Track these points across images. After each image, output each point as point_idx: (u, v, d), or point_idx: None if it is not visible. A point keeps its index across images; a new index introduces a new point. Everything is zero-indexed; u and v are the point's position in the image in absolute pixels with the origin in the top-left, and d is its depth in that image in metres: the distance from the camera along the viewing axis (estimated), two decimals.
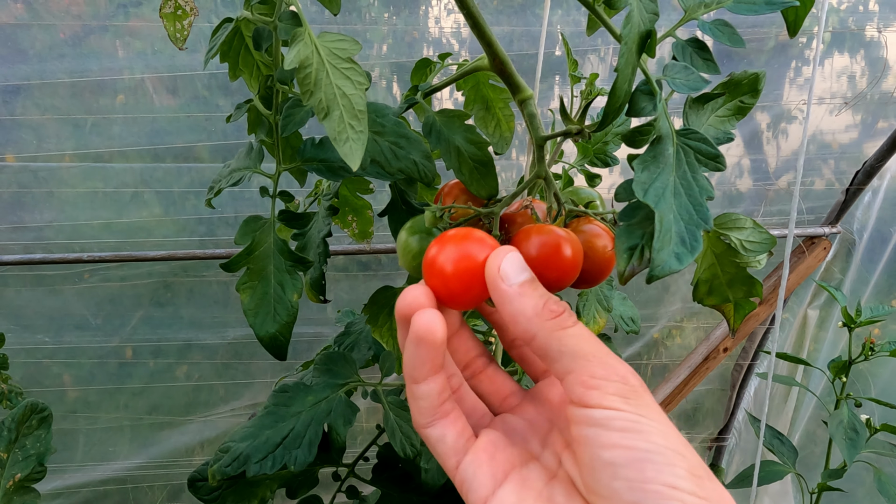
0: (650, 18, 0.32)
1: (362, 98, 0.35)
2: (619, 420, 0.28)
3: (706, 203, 0.32)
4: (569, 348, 0.30)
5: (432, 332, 0.30)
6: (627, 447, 0.27)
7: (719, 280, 0.41)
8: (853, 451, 0.97)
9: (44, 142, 1.19)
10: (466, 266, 0.32)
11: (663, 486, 0.26)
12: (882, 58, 1.38)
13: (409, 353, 0.31)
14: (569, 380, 0.30)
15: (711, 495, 0.27)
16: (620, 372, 0.30)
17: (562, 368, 0.30)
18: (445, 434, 0.33)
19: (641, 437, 0.28)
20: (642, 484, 0.27)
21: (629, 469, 0.27)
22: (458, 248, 0.33)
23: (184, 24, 0.48)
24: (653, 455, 0.27)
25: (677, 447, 0.28)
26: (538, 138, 0.41)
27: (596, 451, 0.28)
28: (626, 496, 0.27)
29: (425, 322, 0.30)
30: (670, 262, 0.29)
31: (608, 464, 0.28)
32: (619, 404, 0.29)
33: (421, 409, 0.32)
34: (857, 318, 1.08)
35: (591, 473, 0.28)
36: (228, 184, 0.46)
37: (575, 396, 0.29)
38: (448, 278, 0.32)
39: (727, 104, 0.37)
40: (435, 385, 0.32)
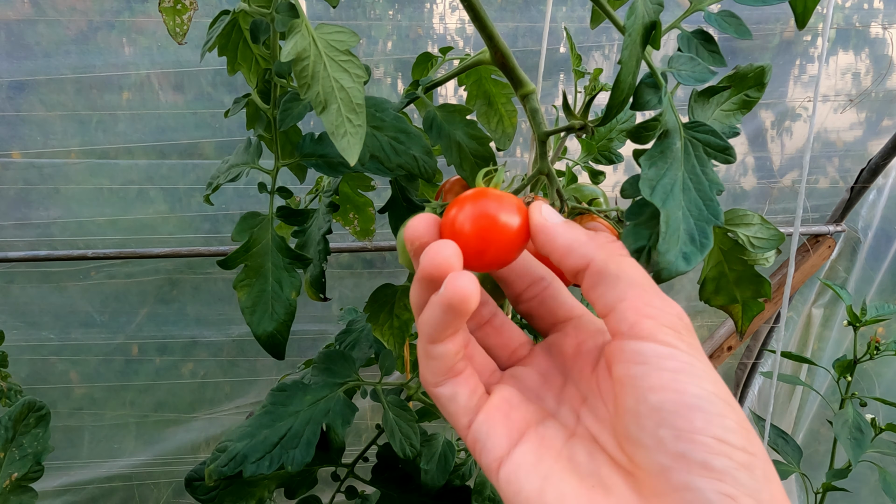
0: (655, 9, 0.31)
1: (360, 91, 0.34)
2: (672, 359, 0.26)
3: (716, 198, 0.31)
4: (626, 274, 0.28)
5: (467, 300, 0.27)
6: (678, 391, 0.25)
7: (726, 278, 0.41)
8: (858, 451, 0.96)
9: (49, 138, 1.20)
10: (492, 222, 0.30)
11: (712, 438, 0.24)
12: (887, 55, 1.37)
13: (433, 315, 0.29)
14: (621, 307, 0.28)
15: (759, 451, 0.25)
16: (676, 307, 0.28)
17: (615, 295, 0.28)
18: (457, 392, 0.31)
19: (693, 381, 0.26)
20: (691, 434, 0.25)
21: (678, 416, 0.25)
22: (479, 205, 0.30)
23: (183, 19, 0.48)
24: (703, 402, 0.25)
25: (726, 396, 0.26)
26: (540, 133, 0.41)
27: (643, 394, 0.26)
28: (672, 446, 0.25)
29: (461, 288, 0.27)
30: (677, 263, 0.28)
31: (655, 409, 0.25)
32: (673, 340, 0.27)
33: (434, 368, 0.30)
34: (863, 317, 1.07)
35: (635, 419, 0.26)
36: (226, 180, 0.45)
37: (626, 325, 0.27)
38: (472, 237, 0.30)
39: (732, 98, 0.37)
40: (453, 345, 0.30)
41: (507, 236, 0.30)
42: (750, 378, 1.64)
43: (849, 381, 1.10)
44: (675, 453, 0.25)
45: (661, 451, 0.25)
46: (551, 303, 0.34)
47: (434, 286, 0.29)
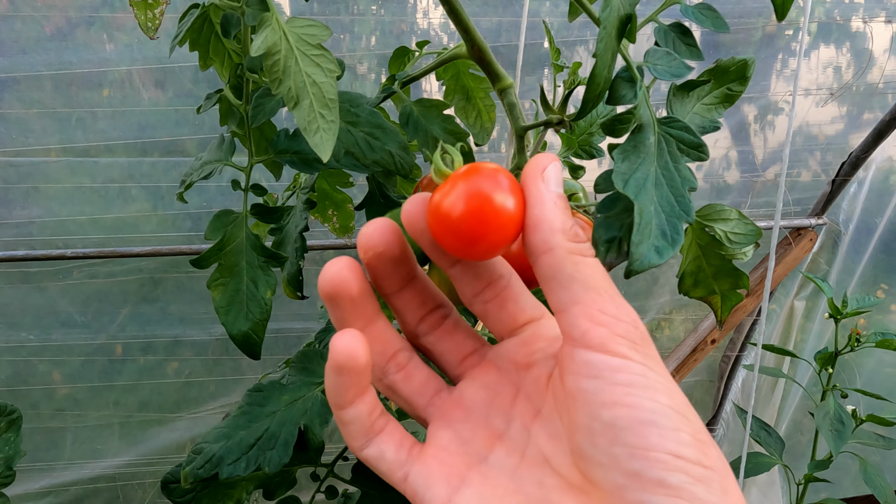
0: (631, 2, 0.31)
1: (333, 86, 0.34)
2: (625, 372, 0.25)
3: (688, 194, 0.31)
4: (582, 275, 0.26)
5: (354, 358, 0.27)
6: (631, 406, 0.25)
7: (705, 272, 0.40)
8: (839, 443, 0.97)
9: (27, 136, 1.18)
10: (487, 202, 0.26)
11: (667, 454, 0.24)
12: (867, 49, 1.39)
13: (330, 381, 0.28)
14: (573, 312, 0.26)
15: (715, 464, 0.25)
16: (631, 315, 0.26)
17: (568, 297, 0.26)
18: (383, 451, 0.29)
19: (647, 394, 0.25)
20: (645, 451, 0.24)
21: (631, 433, 0.24)
22: (471, 182, 0.27)
23: (155, 13, 0.47)
24: (657, 417, 0.24)
25: (681, 408, 0.25)
26: (518, 128, 0.41)
27: (596, 410, 0.25)
28: (626, 464, 0.24)
29: (345, 347, 0.27)
30: (650, 255, 0.28)
31: (609, 426, 0.25)
32: (626, 350, 0.25)
33: (352, 433, 0.29)
34: (844, 310, 1.08)
35: (588, 437, 0.25)
36: (200, 177, 0.45)
37: (577, 332, 0.26)
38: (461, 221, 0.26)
39: (714, 91, 0.36)
40: (364, 406, 0.29)
41: (504, 217, 0.27)
42: (734, 371, 1.66)
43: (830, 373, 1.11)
44: (630, 471, 0.24)
45: (615, 469, 0.25)
46: (511, 306, 0.31)
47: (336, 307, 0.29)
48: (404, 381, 0.32)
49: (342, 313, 0.30)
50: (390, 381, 0.32)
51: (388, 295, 0.31)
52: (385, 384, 0.32)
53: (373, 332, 0.31)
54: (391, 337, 0.32)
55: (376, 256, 0.29)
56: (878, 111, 1.42)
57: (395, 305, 0.32)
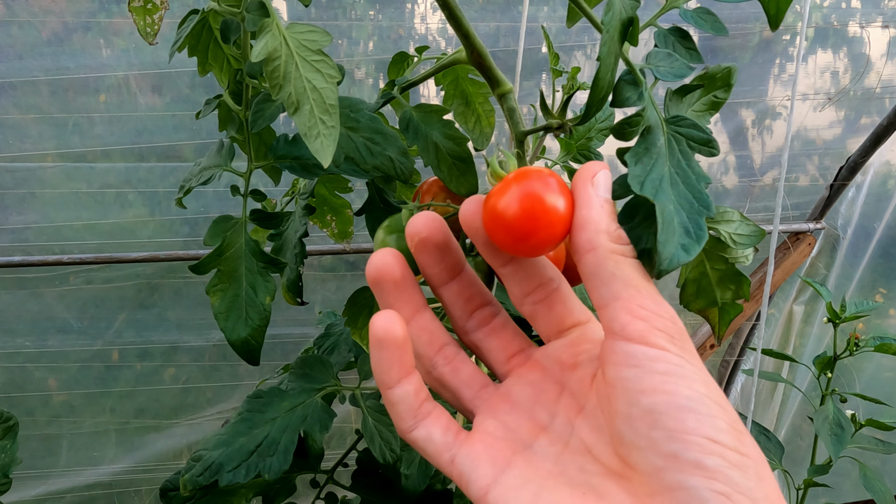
0: (632, 5, 0.31)
1: (334, 92, 0.33)
2: (663, 362, 0.26)
3: (705, 190, 0.31)
4: (623, 273, 0.28)
5: (391, 332, 0.29)
6: (669, 392, 0.26)
7: (708, 279, 0.40)
8: (839, 447, 0.97)
9: (24, 142, 1.18)
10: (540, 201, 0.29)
11: (704, 438, 0.25)
12: (864, 54, 1.39)
13: (374, 359, 0.30)
14: (614, 307, 0.28)
15: (751, 451, 0.25)
16: (670, 311, 0.28)
17: (609, 294, 0.28)
18: (431, 433, 0.31)
19: (684, 383, 0.26)
20: (683, 434, 0.25)
21: (669, 417, 0.25)
22: (526, 184, 0.29)
23: (154, 19, 0.47)
24: (694, 403, 0.25)
25: (718, 398, 0.26)
26: (518, 133, 0.40)
27: (635, 397, 0.26)
28: (664, 446, 0.25)
29: (381, 323, 0.29)
30: (678, 254, 0.28)
31: (647, 411, 0.26)
32: (664, 343, 0.27)
33: (400, 413, 0.31)
34: (842, 314, 1.08)
35: (628, 422, 0.26)
36: (198, 182, 0.45)
37: (617, 325, 0.27)
38: (515, 218, 0.29)
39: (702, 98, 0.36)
40: (410, 387, 0.30)
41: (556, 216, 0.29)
42: (733, 375, 1.65)
43: (829, 378, 1.11)
44: (668, 453, 0.25)
45: (653, 451, 0.25)
46: (559, 307, 0.33)
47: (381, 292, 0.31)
48: (452, 373, 0.33)
49: (388, 298, 0.32)
50: (438, 374, 0.33)
51: (436, 287, 0.33)
52: (434, 377, 0.34)
53: (420, 322, 0.33)
54: (437, 329, 0.34)
55: (421, 242, 0.32)
56: (876, 115, 1.42)
57: (445, 298, 0.34)
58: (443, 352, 0.33)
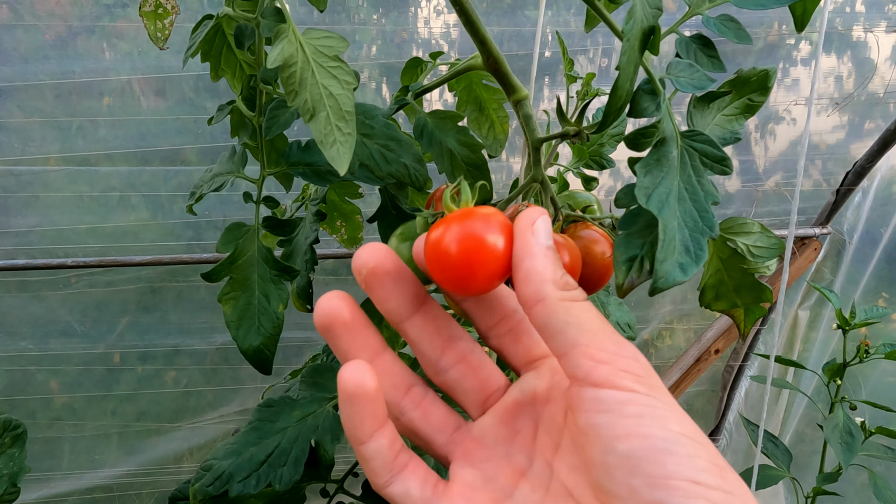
0: (653, 14, 0.30)
1: (350, 98, 0.33)
2: (633, 404, 0.25)
3: (711, 209, 0.30)
4: (576, 319, 0.27)
5: (362, 385, 0.27)
6: (644, 436, 0.25)
7: (726, 286, 0.40)
8: (850, 456, 0.96)
9: (28, 145, 1.17)
10: (480, 242, 0.28)
11: (686, 481, 0.24)
12: (869, 58, 1.39)
13: (345, 414, 0.28)
14: (573, 354, 0.27)
15: (735, 488, 0.25)
16: (630, 349, 0.27)
17: (566, 342, 0.27)
18: (408, 488, 0.29)
19: (658, 423, 0.25)
20: (664, 480, 0.24)
21: (648, 462, 0.24)
22: (468, 223, 0.28)
23: (165, 24, 0.46)
24: (672, 445, 0.24)
25: (694, 434, 0.25)
26: (534, 141, 0.40)
27: (609, 444, 0.25)
28: (646, 495, 0.24)
29: (351, 376, 0.27)
30: (674, 273, 0.28)
31: (625, 457, 0.25)
32: (631, 384, 0.26)
33: (374, 469, 0.29)
34: (852, 321, 1.07)
35: (605, 471, 0.25)
36: (210, 189, 0.44)
37: (580, 372, 0.26)
38: (458, 258, 0.28)
39: (734, 102, 0.36)
40: (384, 440, 0.29)
41: (492, 257, 0.28)
42: (737, 380, 1.65)
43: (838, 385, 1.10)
44: (651, 501, 0.24)
45: (636, 501, 0.25)
46: (525, 339, 0.32)
47: (331, 337, 0.29)
48: (423, 418, 0.31)
49: (342, 344, 0.30)
50: (408, 420, 0.32)
51: (398, 322, 0.31)
52: (403, 423, 0.32)
53: (380, 364, 0.31)
54: (401, 370, 0.32)
55: (370, 273, 0.29)
56: (880, 120, 1.42)
57: (410, 335, 0.31)
58: (410, 394, 0.32)
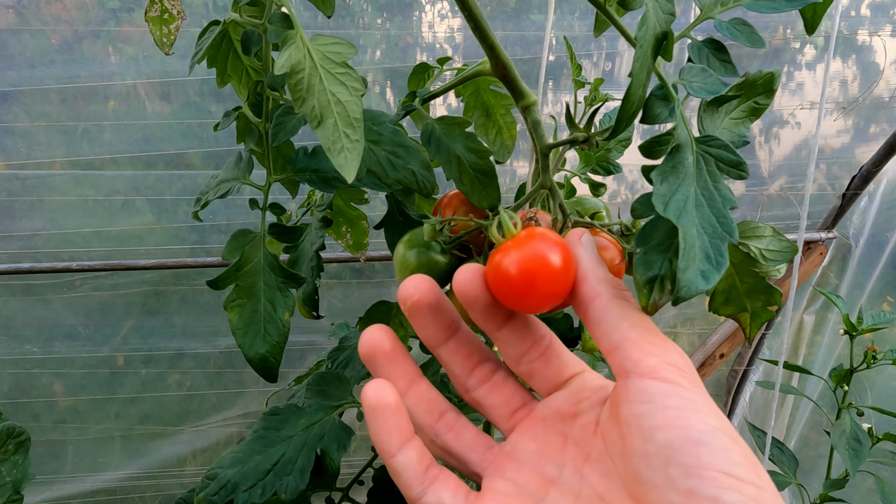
0: (666, 19, 0.30)
1: (358, 105, 0.33)
2: (675, 396, 0.27)
3: (730, 214, 0.30)
4: (629, 316, 0.29)
5: (383, 398, 0.29)
6: (682, 427, 0.26)
7: (737, 290, 0.40)
8: (857, 462, 0.95)
9: (33, 149, 1.18)
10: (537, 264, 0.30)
11: (720, 472, 0.25)
12: (874, 62, 1.38)
13: (372, 428, 0.30)
14: (625, 346, 0.28)
15: (767, 486, 0.25)
16: (676, 347, 0.29)
17: (619, 336, 0.29)
18: (441, 497, 0.30)
19: (696, 416, 0.26)
20: (698, 470, 0.25)
21: (684, 453, 0.25)
22: (530, 246, 0.31)
23: (170, 28, 0.46)
24: (707, 437, 0.25)
25: (729, 431, 0.26)
26: (543, 147, 0.40)
27: (650, 433, 0.26)
28: (681, 483, 0.25)
29: (373, 391, 0.30)
30: (697, 281, 0.27)
31: (662, 446, 0.26)
32: (675, 377, 0.27)
33: (407, 481, 0.30)
34: (859, 326, 1.06)
35: (644, 460, 0.26)
36: (216, 196, 0.44)
37: (629, 364, 0.28)
38: (518, 280, 0.30)
39: (741, 105, 0.36)
40: (413, 453, 0.30)
41: (555, 275, 0.30)
42: (741, 385, 1.64)
43: (845, 391, 1.09)
44: (685, 490, 0.25)
45: (671, 489, 0.25)
46: (556, 361, 0.34)
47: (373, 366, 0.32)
48: (456, 439, 0.33)
49: (383, 372, 0.33)
50: (442, 442, 0.34)
51: (434, 347, 0.34)
52: (438, 445, 0.34)
53: (417, 392, 0.34)
54: (435, 397, 0.34)
55: (414, 305, 0.32)
56: (886, 124, 1.41)
57: (443, 358, 0.34)
58: (444, 419, 0.34)
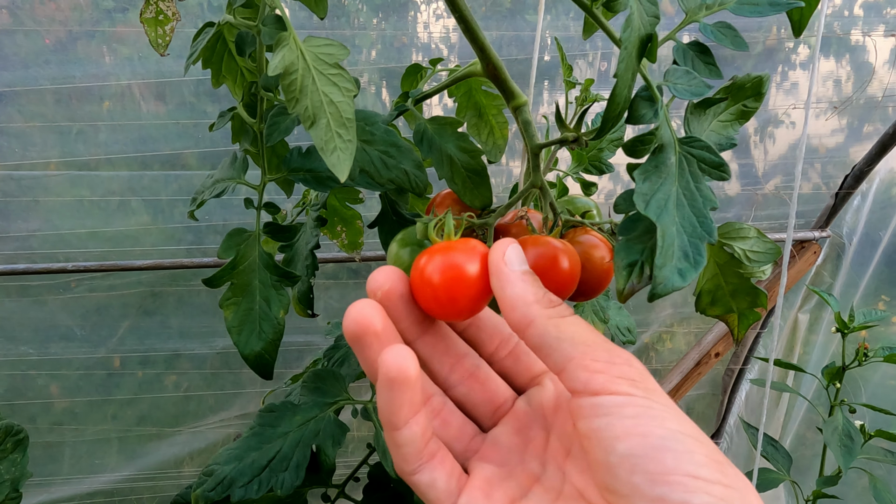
0: (651, 21, 0.30)
1: (350, 105, 0.33)
2: (630, 406, 0.26)
3: (710, 214, 0.30)
4: (567, 334, 0.28)
5: (404, 371, 0.27)
6: (642, 435, 0.26)
7: (722, 291, 0.40)
8: (849, 458, 0.96)
9: (28, 150, 1.18)
10: (459, 272, 0.30)
11: (686, 476, 0.25)
12: (867, 62, 1.39)
13: (383, 399, 0.28)
14: (570, 367, 0.28)
15: (735, 482, 0.25)
16: (623, 356, 0.28)
17: (561, 357, 0.28)
18: (435, 478, 0.30)
19: (655, 423, 0.26)
20: (664, 475, 0.25)
21: (648, 460, 0.25)
22: (448, 255, 0.31)
23: (165, 30, 0.47)
24: (669, 442, 0.25)
25: (691, 432, 0.26)
26: (533, 146, 0.40)
27: (610, 444, 0.26)
28: (648, 491, 0.25)
29: (395, 361, 0.27)
30: (673, 278, 0.28)
31: (625, 457, 0.26)
32: (627, 388, 0.27)
33: (405, 455, 0.29)
34: (851, 324, 1.07)
35: (608, 471, 0.26)
36: (211, 195, 0.44)
37: (579, 384, 0.27)
38: (440, 286, 0.30)
39: (730, 108, 0.36)
40: (417, 427, 0.29)
41: (470, 284, 0.30)
42: (737, 384, 1.65)
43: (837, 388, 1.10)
44: (654, 497, 0.25)
45: (639, 497, 0.25)
46: (525, 358, 0.34)
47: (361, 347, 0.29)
48: (442, 427, 0.33)
49: (371, 354, 0.30)
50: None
51: (410, 342, 0.33)
52: None
53: None
54: (423, 380, 0.33)
55: (385, 296, 0.31)
56: (879, 124, 1.42)
57: (421, 354, 0.33)
58: (430, 404, 0.33)
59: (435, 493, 0.30)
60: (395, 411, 0.28)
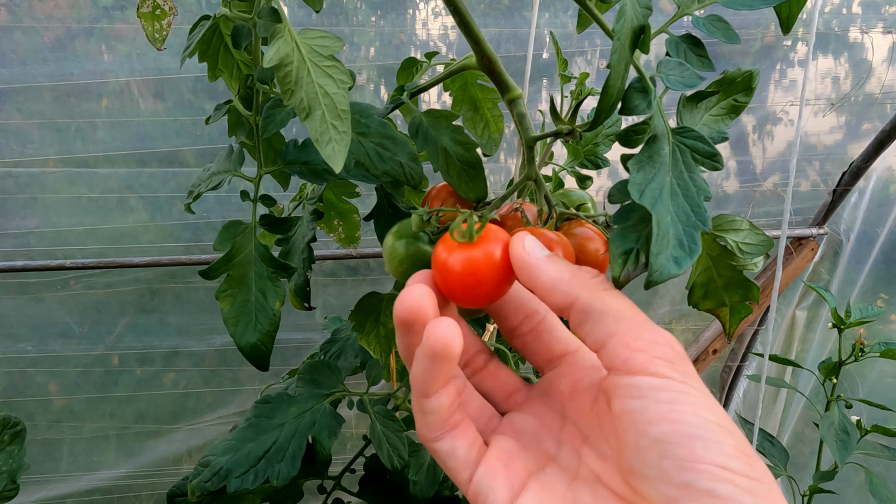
0: (643, 13, 0.31)
1: (345, 97, 0.33)
2: (667, 390, 0.26)
3: (704, 204, 0.31)
4: (612, 309, 0.28)
5: (450, 345, 0.27)
6: (675, 421, 0.26)
7: (715, 284, 0.40)
8: (845, 453, 0.96)
9: (26, 147, 1.18)
10: (482, 260, 0.31)
11: (714, 465, 0.25)
12: (865, 59, 1.39)
13: (421, 367, 0.28)
14: (611, 343, 0.28)
15: (762, 476, 0.25)
16: (666, 336, 0.28)
17: (604, 331, 0.28)
18: (456, 447, 0.30)
19: (689, 409, 0.26)
20: (693, 463, 0.25)
21: (678, 446, 0.25)
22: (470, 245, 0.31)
23: (162, 24, 0.47)
24: (701, 430, 0.25)
25: (723, 422, 0.26)
26: (528, 139, 0.40)
27: (643, 428, 0.26)
28: (675, 476, 0.25)
29: (442, 334, 0.27)
30: (669, 266, 0.28)
31: (656, 441, 0.26)
32: (666, 371, 0.27)
33: (430, 423, 0.30)
34: (847, 319, 1.07)
35: (637, 454, 0.26)
36: (208, 188, 0.44)
37: (619, 361, 0.27)
38: (462, 274, 0.31)
39: (721, 103, 0.36)
40: (446, 397, 0.30)
41: (493, 272, 0.31)
42: (735, 381, 1.65)
43: (834, 384, 1.10)
44: (680, 483, 0.25)
45: (665, 482, 0.25)
46: (546, 336, 0.34)
47: (412, 333, 0.30)
48: (462, 405, 0.33)
49: (415, 339, 0.30)
50: None
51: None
52: None
53: None
54: (473, 340, 0.34)
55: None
56: (877, 121, 1.42)
57: None
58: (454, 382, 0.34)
59: (454, 461, 0.30)
60: (430, 381, 0.29)
